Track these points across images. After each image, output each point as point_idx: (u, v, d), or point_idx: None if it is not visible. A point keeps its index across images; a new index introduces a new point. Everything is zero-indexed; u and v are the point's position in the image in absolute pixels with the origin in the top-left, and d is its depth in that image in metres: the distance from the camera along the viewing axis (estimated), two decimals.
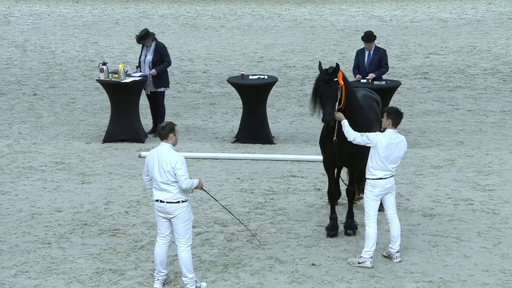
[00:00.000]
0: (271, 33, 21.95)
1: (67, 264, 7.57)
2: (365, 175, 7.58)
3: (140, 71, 11.83)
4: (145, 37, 11.71)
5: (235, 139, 11.80)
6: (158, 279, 7.10)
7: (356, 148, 7.68)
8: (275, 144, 11.63)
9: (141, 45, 11.97)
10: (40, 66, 17.47)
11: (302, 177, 10.12)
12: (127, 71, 11.79)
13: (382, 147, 7.34)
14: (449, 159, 10.82)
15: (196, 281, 7.00)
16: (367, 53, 11.29)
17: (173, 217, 6.85)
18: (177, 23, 23.79)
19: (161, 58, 11.80)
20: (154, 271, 7.16)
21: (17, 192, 9.58)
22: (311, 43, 20.33)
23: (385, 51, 11.48)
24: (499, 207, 9.01)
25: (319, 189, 9.62)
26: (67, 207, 9.10)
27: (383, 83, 11.24)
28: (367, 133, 7.45)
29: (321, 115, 7.64)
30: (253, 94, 11.62)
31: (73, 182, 9.94)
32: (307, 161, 10.71)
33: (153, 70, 11.71)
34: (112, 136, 11.65)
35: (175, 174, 6.72)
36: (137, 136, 11.67)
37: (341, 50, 19.14)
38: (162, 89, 11.96)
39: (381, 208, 7.65)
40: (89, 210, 9.00)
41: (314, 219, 8.70)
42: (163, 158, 6.75)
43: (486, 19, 24.11)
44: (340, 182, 8.65)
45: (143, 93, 11.96)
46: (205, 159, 10.87)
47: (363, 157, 7.70)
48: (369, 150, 7.47)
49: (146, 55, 11.81)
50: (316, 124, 7.69)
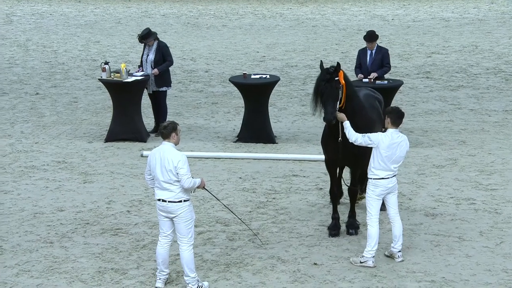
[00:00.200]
0: (273, 32, 21.95)
1: (69, 263, 7.58)
2: (367, 175, 7.58)
3: (142, 70, 11.84)
4: (147, 36, 11.72)
5: (237, 138, 11.80)
6: (160, 278, 7.10)
7: (358, 148, 7.67)
8: (277, 143, 11.63)
9: (143, 44, 11.97)
10: (42, 65, 17.49)
11: (304, 176, 10.12)
12: (129, 70, 11.80)
13: (384, 147, 7.34)
14: (451, 159, 10.81)
15: (198, 280, 7.00)
16: (369, 52, 11.28)
17: (175, 216, 6.85)
18: (179, 22, 23.80)
19: (163, 58, 11.80)
20: (156, 270, 7.17)
21: (19, 191, 9.59)
22: (313, 42, 20.33)
23: (387, 50, 11.47)
24: (501, 206, 9.00)
25: (321, 188, 9.62)
26: (69, 206, 9.11)
27: (385, 82, 11.23)
28: (369, 133, 7.44)
29: (322, 114, 7.64)
30: (255, 93, 11.62)
31: (75, 182, 9.95)
32: (309, 160, 10.71)
33: (155, 70, 11.71)
34: (114, 135, 11.66)
35: (177, 173, 6.72)
36: (139, 135, 11.67)
37: (343, 50, 19.14)
38: (164, 88, 11.97)
39: (383, 208, 7.65)
40: (91, 210, 9.01)
41: (316, 218, 8.70)
42: (165, 157, 6.76)
43: (488, 19, 24.09)
44: (342, 181, 8.64)
45: (145, 92, 11.97)
46: (207, 158, 10.88)
47: (365, 157, 7.70)
48: (371, 150, 7.47)
49: (148, 55, 11.81)
50: (318, 124, 7.70)
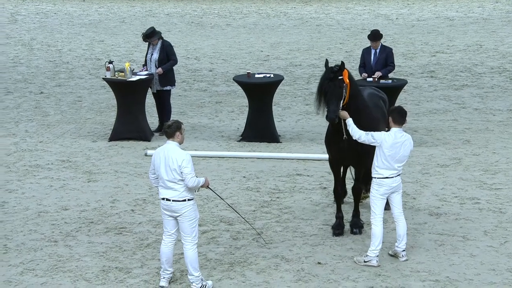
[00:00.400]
0: (277, 31, 21.94)
1: (73, 262, 7.59)
2: (371, 174, 7.56)
3: (146, 69, 11.85)
4: (151, 35, 11.72)
5: (241, 137, 11.80)
6: (164, 277, 7.11)
7: (362, 147, 7.66)
8: (281, 142, 11.63)
9: (147, 43, 11.98)
10: (46, 64, 17.51)
11: (308, 175, 10.12)
12: (133, 69, 11.81)
13: (387, 146, 7.33)
14: (455, 158, 10.79)
15: (202, 279, 7.00)
16: (373, 51, 11.27)
17: (179, 215, 6.86)
18: (183, 21, 23.80)
19: (167, 57, 11.81)
20: (160, 269, 7.17)
21: (23, 190, 9.61)
22: (317, 41, 20.31)
23: (391, 49, 11.45)
24: (505, 206, 8.98)
25: (325, 187, 9.62)
26: (73, 205, 9.12)
27: (390, 81, 11.22)
28: (372, 132, 7.43)
29: (325, 113, 7.63)
30: (259, 92, 11.62)
31: (79, 180, 9.96)
32: (313, 159, 10.70)
33: (159, 69, 11.72)
34: (118, 134, 11.67)
35: (181, 172, 6.72)
36: (143, 134, 11.68)
37: (347, 49, 19.12)
38: (168, 87, 11.97)
39: (387, 207, 7.64)
40: (95, 208, 9.02)
41: (320, 217, 8.70)
42: (169, 157, 6.76)
43: (493, 18, 24.03)
44: (345, 180, 8.63)
45: (149, 91, 11.97)
46: (211, 157, 10.88)
47: (368, 156, 7.68)
48: (374, 149, 7.46)
49: (152, 54, 11.82)
50: (322, 123, 7.69)
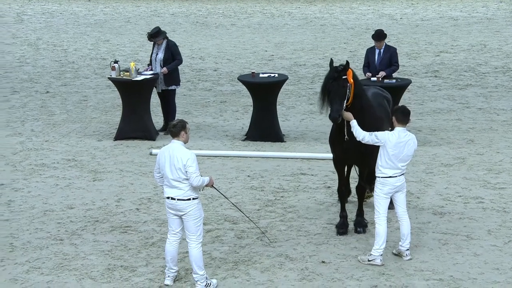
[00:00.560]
0: (281, 31, 21.93)
1: (79, 261, 7.60)
2: (375, 173, 7.56)
3: (151, 69, 11.86)
4: (156, 35, 11.73)
5: (245, 137, 11.80)
6: (168, 276, 7.12)
7: (366, 147, 7.65)
8: (285, 142, 11.63)
9: (152, 43, 11.99)
10: (52, 64, 17.55)
11: (312, 175, 10.11)
12: (138, 69, 11.82)
13: (391, 145, 7.32)
14: (459, 157, 10.78)
15: (206, 278, 7.01)
16: (377, 51, 11.26)
17: (184, 214, 6.87)
18: (188, 21, 23.82)
19: (172, 56, 11.81)
20: (165, 267, 7.18)
21: (29, 189, 9.63)
22: (321, 41, 20.30)
23: (395, 49, 11.44)
24: (509, 205, 8.96)
25: (329, 187, 9.61)
26: (79, 204, 9.14)
27: (394, 81, 11.20)
28: (376, 132, 7.43)
29: (329, 112, 7.63)
30: (264, 92, 11.62)
31: (85, 179, 9.98)
32: (317, 159, 10.70)
33: (164, 69, 11.73)
34: (123, 133, 11.69)
35: (186, 171, 6.73)
36: (148, 133, 11.69)
37: (351, 49, 19.10)
38: (173, 87, 11.98)
39: (391, 206, 7.63)
40: (100, 207, 9.03)
41: (324, 217, 8.69)
42: (174, 156, 6.77)
43: (497, 17, 23.98)
44: (349, 180, 8.63)
45: (154, 91, 11.98)
46: (215, 156, 10.88)
47: (372, 155, 7.68)
48: (378, 148, 7.45)
49: (157, 53, 11.83)
50: (326, 122, 7.69)
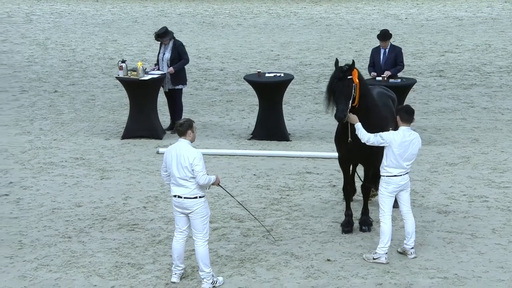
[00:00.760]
0: (287, 31, 21.92)
1: (86, 258, 7.62)
2: (380, 173, 7.55)
3: (158, 68, 11.87)
4: (164, 35, 11.74)
5: (251, 136, 11.80)
6: (175, 273, 7.13)
7: (370, 147, 7.64)
8: (291, 141, 11.62)
9: (159, 43, 12.00)
10: (60, 63, 17.58)
11: (318, 173, 10.11)
12: (145, 68, 11.83)
13: (396, 145, 7.31)
14: (464, 157, 10.75)
15: (213, 275, 7.02)
16: (382, 51, 11.24)
17: (190, 212, 6.87)
18: (194, 21, 23.83)
19: (179, 56, 11.82)
20: (171, 265, 7.19)
21: (38, 187, 9.66)
22: (327, 41, 20.28)
23: (400, 49, 11.41)
24: None
25: (334, 185, 9.61)
26: (86, 202, 9.16)
27: (399, 80, 11.18)
28: (380, 133, 7.42)
29: (334, 112, 7.62)
30: (270, 91, 11.61)
31: (92, 178, 10.00)
32: (322, 158, 10.69)
33: (171, 68, 11.74)
34: (130, 132, 11.71)
35: (192, 170, 6.74)
36: (155, 132, 11.71)
37: (356, 48, 19.07)
38: (179, 86, 11.99)
39: (396, 205, 7.62)
40: (108, 205, 9.05)
41: (329, 215, 8.69)
42: (181, 154, 6.78)
43: (501, 17, 23.89)
44: (355, 178, 8.62)
45: (161, 90, 12.00)
46: (222, 155, 10.89)
47: (377, 155, 7.66)
48: (383, 148, 7.44)
49: (164, 53, 11.84)
50: (332, 121, 7.68)
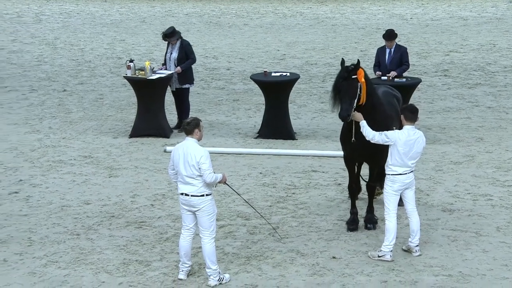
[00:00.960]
0: (293, 31, 21.89)
1: (95, 255, 7.64)
2: (384, 171, 7.53)
3: (166, 68, 11.88)
4: (171, 35, 11.74)
5: (257, 134, 11.80)
6: (182, 270, 7.14)
7: (375, 146, 7.63)
8: (296, 139, 11.61)
9: (166, 42, 12.00)
10: (69, 63, 17.62)
11: (323, 172, 10.10)
12: (153, 68, 11.84)
13: (401, 143, 7.30)
14: (468, 155, 10.72)
15: (219, 272, 7.02)
16: (388, 51, 11.21)
17: (197, 210, 6.88)
18: (201, 21, 23.83)
19: (186, 56, 11.82)
20: (179, 262, 7.20)
21: (47, 185, 9.69)
22: (332, 41, 20.25)
23: (406, 49, 11.37)
24: None
25: (339, 184, 9.59)
26: (95, 199, 9.18)
27: (404, 80, 11.15)
28: (385, 131, 7.41)
29: (338, 111, 7.61)
30: (276, 90, 11.61)
31: (101, 176, 10.02)
32: (328, 156, 10.68)
33: (178, 68, 11.74)
34: (138, 131, 11.72)
35: (199, 168, 6.74)
36: (162, 131, 11.72)
37: (362, 48, 19.03)
38: (187, 85, 12.00)
39: (401, 203, 7.61)
40: (116, 203, 9.07)
41: (334, 213, 8.68)
42: (188, 153, 6.78)
43: (506, 17, 23.80)
44: (360, 178, 8.61)
45: (169, 89, 12.01)
46: (228, 154, 10.89)
47: (382, 154, 7.65)
48: (388, 147, 7.43)
49: (171, 53, 11.85)
50: (337, 120, 7.68)
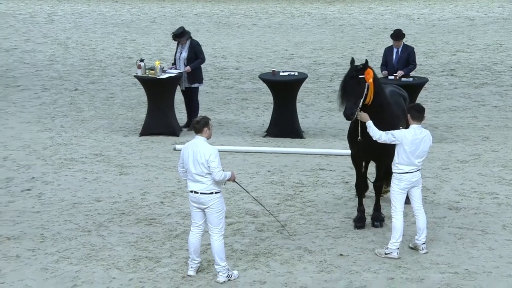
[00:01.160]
0: (301, 31, 21.86)
1: (106, 251, 7.66)
2: (391, 170, 7.51)
3: (176, 67, 11.89)
4: (181, 35, 11.75)
5: (266, 133, 11.79)
6: (192, 267, 7.14)
7: (382, 144, 7.61)
8: (304, 138, 11.60)
9: (176, 42, 12.01)
10: (81, 62, 17.68)
11: (331, 170, 10.08)
12: (163, 67, 11.86)
13: (408, 142, 7.28)
14: (475, 154, 10.67)
15: (228, 269, 7.02)
16: (395, 50, 11.18)
17: (206, 207, 6.88)
18: (211, 21, 23.84)
19: (196, 55, 11.83)
20: (188, 259, 7.21)
21: (59, 182, 9.72)
22: (340, 40, 20.20)
23: (413, 48, 11.33)
24: None
25: (347, 182, 9.58)
26: (106, 197, 9.20)
27: (411, 79, 11.11)
28: (392, 131, 7.39)
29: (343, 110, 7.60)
30: (284, 90, 11.59)
31: (111, 173, 10.05)
32: (335, 155, 10.66)
33: (188, 67, 11.75)
34: (148, 129, 11.74)
35: (208, 166, 6.75)
36: (172, 130, 11.74)
37: (369, 48, 18.99)
38: (196, 85, 12.00)
39: (408, 201, 7.58)
40: (126, 200, 9.09)
41: (342, 211, 8.67)
42: (197, 151, 6.79)
43: None
44: (367, 176, 8.59)
45: (178, 88, 12.02)
46: (237, 152, 10.89)
47: (388, 152, 7.63)
48: (394, 145, 7.41)
49: (181, 52, 11.85)
50: (344, 119, 7.66)
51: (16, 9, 25.99)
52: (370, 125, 7.48)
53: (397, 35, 11.11)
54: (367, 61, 7.68)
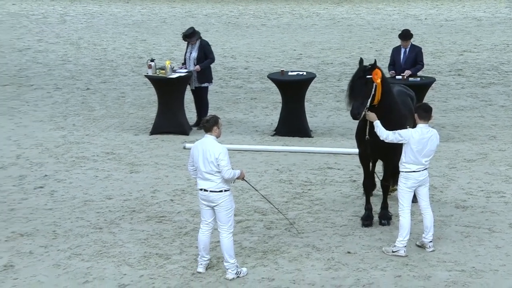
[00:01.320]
0: (309, 31, 21.83)
1: (117, 248, 7.69)
2: (398, 169, 7.50)
3: (186, 67, 11.90)
4: (191, 35, 11.76)
5: (274, 132, 11.79)
6: (201, 264, 7.16)
7: (389, 143, 7.59)
8: (312, 137, 11.59)
9: (186, 42, 12.03)
10: (92, 62, 17.73)
11: (339, 169, 10.07)
12: (173, 67, 11.88)
13: (415, 142, 7.26)
14: (481, 153, 10.63)
15: (237, 266, 7.03)
16: (403, 50, 11.15)
17: (216, 205, 6.89)
18: (220, 21, 23.85)
19: (205, 55, 11.84)
20: (197, 256, 7.23)
21: (71, 180, 9.76)
22: (348, 41, 20.16)
23: (420, 49, 11.30)
24: None
25: (354, 180, 9.56)
26: (117, 194, 9.23)
27: (418, 79, 11.08)
28: (399, 130, 7.37)
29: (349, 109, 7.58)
30: (292, 89, 11.59)
31: (122, 172, 10.08)
32: (343, 153, 10.65)
33: (197, 67, 11.77)
34: (158, 128, 11.77)
35: (218, 164, 6.76)
36: (182, 128, 11.75)
37: (377, 48, 18.93)
38: (206, 84, 12.02)
39: (415, 200, 7.57)
40: (137, 198, 9.12)
41: (349, 209, 8.66)
42: (207, 150, 6.80)
43: None
44: (375, 176, 8.57)
45: (188, 88, 12.04)
46: (246, 151, 10.90)
47: (396, 151, 7.62)
48: (401, 144, 7.39)
49: (191, 52, 11.87)
50: (352, 119, 7.65)
51: (29, 10, 26.10)
52: (377, 124, 7.47)
53: (405, 35, 11.08)
54: (375, 61, 7.66)
